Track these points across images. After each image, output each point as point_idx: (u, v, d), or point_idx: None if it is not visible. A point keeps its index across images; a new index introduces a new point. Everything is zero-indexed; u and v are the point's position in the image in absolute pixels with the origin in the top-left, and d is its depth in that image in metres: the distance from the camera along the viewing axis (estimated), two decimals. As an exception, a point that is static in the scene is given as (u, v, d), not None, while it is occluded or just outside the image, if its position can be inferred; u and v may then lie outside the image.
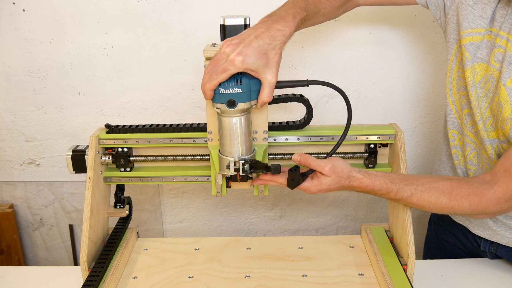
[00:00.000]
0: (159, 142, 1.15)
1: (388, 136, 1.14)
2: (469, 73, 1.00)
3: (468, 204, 0.95)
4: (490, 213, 0.97)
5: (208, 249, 1.22)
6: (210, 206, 1.75)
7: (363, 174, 0.97)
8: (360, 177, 0.97)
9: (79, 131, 1.61)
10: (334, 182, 0.95)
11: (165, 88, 1.55)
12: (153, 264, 1.16)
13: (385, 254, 1.12)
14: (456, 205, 0.96)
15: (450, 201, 0.96)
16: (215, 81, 0.88)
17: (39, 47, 1.49)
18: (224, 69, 0.86)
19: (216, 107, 0.93)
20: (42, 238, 1.79)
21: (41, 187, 1.71)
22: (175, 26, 1.47)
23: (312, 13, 1.00)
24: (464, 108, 1.06)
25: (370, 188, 0.97)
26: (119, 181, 1.20)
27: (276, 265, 1.15)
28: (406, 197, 0.98)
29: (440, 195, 0.96)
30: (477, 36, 0.99)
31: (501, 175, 0.95)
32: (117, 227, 1.23)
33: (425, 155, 1.67)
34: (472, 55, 1.00)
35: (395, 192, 0.98)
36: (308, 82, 0.96)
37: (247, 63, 0.86)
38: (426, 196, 0.97)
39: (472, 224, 1.17)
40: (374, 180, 0.97)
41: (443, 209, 0.98)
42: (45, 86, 1.55)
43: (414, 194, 0.97)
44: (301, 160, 0.96)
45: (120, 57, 1.51)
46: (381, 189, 0.97)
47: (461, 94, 1.07)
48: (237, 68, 0.86)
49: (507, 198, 0.94)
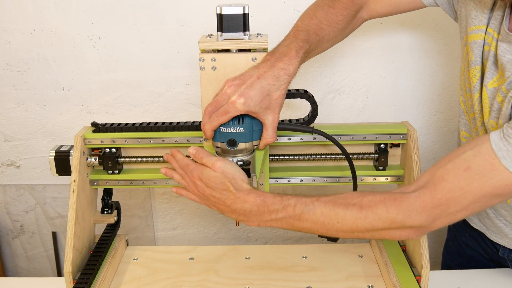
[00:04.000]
0: (150, 142, 1.15)
1: (400, 135, 1.14)
2: (473, 75, 0.99)
3: (384, 211, 0.86)
4: (415, 226, 0.86)
5: (203, 259, 1.21)
6: (206, 211, 1.74)
7: (252, 189, 0.92)
8: (248, 188, 0.91)
9: (63, 130, 1.61)
10: (217, 181, 0.90)
11: (157, 83, 1.55)
12: (143, 275, 1.16)
13: (396, 264, 1.12)
14: (370, 214, 0.86)
15: (361, 209, 0.87)
16: (215, 123, 0.91)
17: (19, 38, 1.49)
18: (225, 111, 0.90)
19: (216, 146, 0.96)
20: (23, 246, 1.79)
21: (21, 191, 1.70)
22: (168, 15, 1.47)
23: (315, 43, 1.03)
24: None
25: (261, 200, 0.89)
26: (106, 185, 1.20)
27: (278, 276, 1.14)
28: (308, 211, 0.88)
29: (347, 203, 0.88)
30: (479, 34, 0.98)
31: (428, 181, 0.86)
32: (104, 235, 1.23)
33: (441, 155, 1.67)
34: (476, 55, 0.98)
35: (293, 205, 0.89)
36: (313, 131, 1.01)
37: (249, 105, 0.88)
38: (331, 207, 0.88)
39: (489, 231, 1.17)
40: (265, 194, 0.90)
41: (354, 223, 0.87)
42: (26, 81, 1.55)
43: (316, 206, 0.88)
44: (196, 154, 0.94)
45: (108, 49, 1.51)
46: (274, 203, 0.89)
47: (469, 96, 1.07)
48: (238, 111, 0.89)
49: (435, 203, 0.84)
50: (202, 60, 0.97)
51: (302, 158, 1.18)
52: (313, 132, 1.02)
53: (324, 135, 1.02)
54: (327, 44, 1.11)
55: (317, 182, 1.17)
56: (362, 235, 0.90)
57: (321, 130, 1.02)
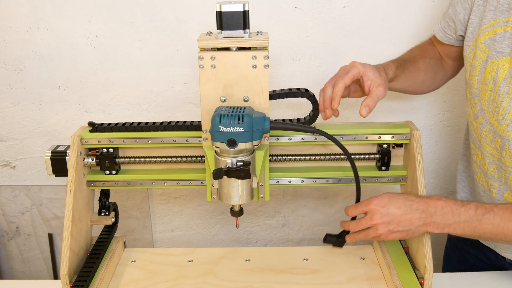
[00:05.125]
0: (148, 142, 1.15)
1: (402, 135, 1.14)
2: (490, 70, 1.01)
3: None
4: None
5: (202, 261, 1.21)
6: (205, 213, 1.75)
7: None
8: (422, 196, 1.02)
9: (60, 129, 1.61)
10: (388, 197, 1.01)
11: (155, 82, 1.55)
12: (141, 278, 1.16)
13: (399, 266, 1.12)
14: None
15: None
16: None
17: (15, 36, 1.49)
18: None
19: (215, 146, 0.96)
20: (18, 248, 1.79)
21: (17, 192, 1.70)
22: (166, 12, 1.47)
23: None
24: (477, 117, 1.08)
25: (444, 201, 0.98)
26: (104, 185, 1.20)
27: (279, 279, 1.14)
28: (488, 215, 0.96)
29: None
30: (492, 29, 1.01)
31: None
32: (101, 237, 1.23)
33: (444, 156, 1.67)
34: (492, 50, 1.01)
35: (475, 208, 0.97)
36: (314, 130, 1.02)
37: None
38: (509, 214, 0.95)
39: (498, 247, 1.18)
40: (445, 198, 0.99)
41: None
42: (22, 79, 1.55)
43: (495, 212, 0.96)
44: (349, 212, 1.06)
45: (105, 47, 1.51)
46: (456, 203, 0.98)
47: (473, 103, 1.09)
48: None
49: None
50: (201, 58, 0.97)
51: (303, 159, 1.18)
52: (314, 132, 1.02)
53: (325, 135, 1.02)
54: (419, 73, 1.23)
55: (318, 183, 1.17)
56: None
57: (322, 130, 1.02)
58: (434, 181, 1.72)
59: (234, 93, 1.00)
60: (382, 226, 1.00)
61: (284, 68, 1.53)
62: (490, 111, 1.04)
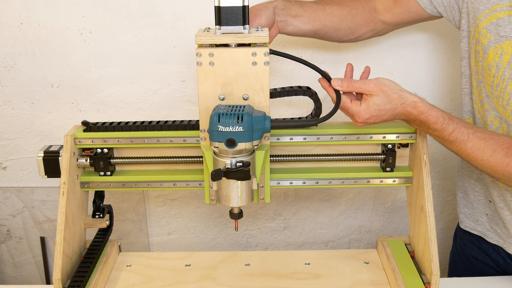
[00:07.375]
0: (144, 142, 1.15)
1: (408, 135, 1.14)
2: (493, 54, 1.03)
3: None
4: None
5: (200, 265, 1.22)
6: (203, 215, 1.75)
7: (417, 97, 0.99)
8: (415, 100, 0.98)
9: (52, 129, 1.61)
10: (383, 101, 0.97)
11: (151, 80, 1.55)
12: (137, 283, 1.16)
13: (405, 271, 1.12)
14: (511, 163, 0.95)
15: (506, 156, 0.96)
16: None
17: (5, 32, 1.49)
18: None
19: (213, 146, 0.96)
20: (10, 252, 1.79)
21: (8, 194, 1.70)
22: (163, 8, 1.47)
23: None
24: (483, 104, 1.09)
25: (425, 117, 0.98)
26: (98, 187, 1.20)
27: (280, 284, 1.14)
28: (460, 141, 0.99)
29: (497, 147, 0.97)
30: (495, 14, 1.02)
31: None
32: (95, 240, 1.23)
33: (451, 156, 1.67)
34: (494, 34, 1.03)
35: (451, 131, 0.99)
36: (317, 121, 1.03)
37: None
38: (483, 145, 0.97)
39: (506, 243, 1.17)
40: (430, 109, 0.99)
41: (495, 166, 0.97)
42: (13, 77, 1.55)
43: (470, 139, 0.98)
44: (343, 84, 1.00)
45: (99, 43, 1.51)
46: (436, 122, 0.98)
47: (479, 90, 1.10)
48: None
49: None
50: (199, 55, 0.97)
51: (304, 159, 1.18)
52: (317, 122, 1.03)
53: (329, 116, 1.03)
54: (333, 18, 1.22)
55: (320, 184, 1.17)
56: (497, 178, 1.01)
57: (321, 116, 1.03)
58: (441, 183, 1.72)
59: (233, 91, 1.00)
60: (363, 123, 1.02)
61: (285, 66, 1.53)
62: (495, 97, 1.06)
